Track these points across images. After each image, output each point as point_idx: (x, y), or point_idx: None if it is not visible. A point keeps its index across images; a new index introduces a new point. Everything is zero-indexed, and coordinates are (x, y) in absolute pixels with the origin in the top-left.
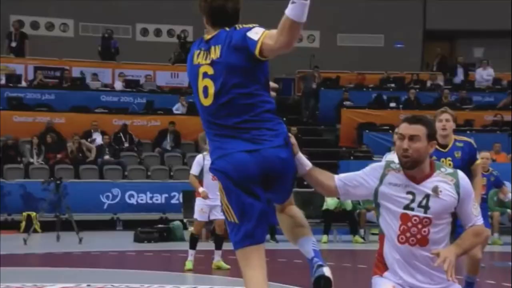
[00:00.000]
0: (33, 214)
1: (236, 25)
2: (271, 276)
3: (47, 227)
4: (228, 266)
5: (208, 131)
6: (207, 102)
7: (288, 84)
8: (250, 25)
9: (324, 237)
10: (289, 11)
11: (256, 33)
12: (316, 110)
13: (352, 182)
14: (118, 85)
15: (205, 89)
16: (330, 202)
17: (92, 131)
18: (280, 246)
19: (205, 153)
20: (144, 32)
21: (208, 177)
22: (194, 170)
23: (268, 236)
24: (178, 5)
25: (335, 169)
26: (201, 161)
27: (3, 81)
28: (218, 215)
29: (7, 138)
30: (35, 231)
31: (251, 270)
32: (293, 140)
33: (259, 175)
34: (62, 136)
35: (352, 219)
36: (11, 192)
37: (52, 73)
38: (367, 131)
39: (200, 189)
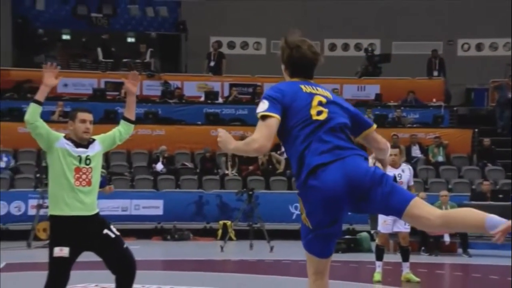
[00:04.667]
0: (228, 222)
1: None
2: None
3: (241, 235)
4: (418, 279)
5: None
6: (320, 117)
7: (481, 94)
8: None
9: None
10: None
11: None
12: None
13: None
14: None
15: (320, 111)
16: None
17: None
18: (474, 260)
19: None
20: (332, 47)
21: None
22: None
23: (460, 250)
24: (366, 19)
25: None
26: None
27: (202, 98)
28: (401, 228)
29: (205, 151)
30: (230, 238)
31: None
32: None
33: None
34: None
35: None
36: (209, 202)
37: (245, 90)
38: None
39: None
